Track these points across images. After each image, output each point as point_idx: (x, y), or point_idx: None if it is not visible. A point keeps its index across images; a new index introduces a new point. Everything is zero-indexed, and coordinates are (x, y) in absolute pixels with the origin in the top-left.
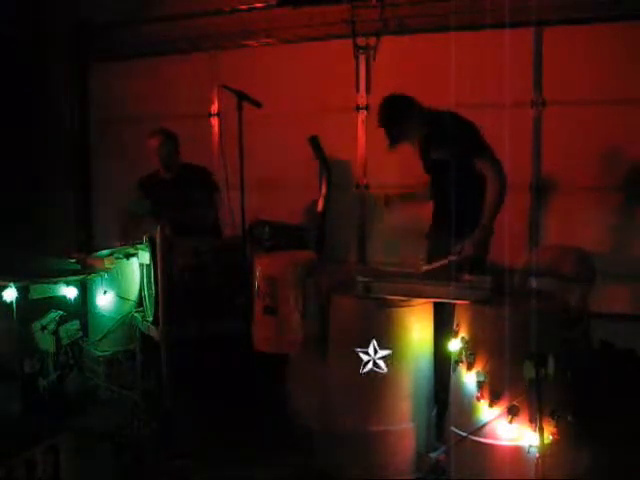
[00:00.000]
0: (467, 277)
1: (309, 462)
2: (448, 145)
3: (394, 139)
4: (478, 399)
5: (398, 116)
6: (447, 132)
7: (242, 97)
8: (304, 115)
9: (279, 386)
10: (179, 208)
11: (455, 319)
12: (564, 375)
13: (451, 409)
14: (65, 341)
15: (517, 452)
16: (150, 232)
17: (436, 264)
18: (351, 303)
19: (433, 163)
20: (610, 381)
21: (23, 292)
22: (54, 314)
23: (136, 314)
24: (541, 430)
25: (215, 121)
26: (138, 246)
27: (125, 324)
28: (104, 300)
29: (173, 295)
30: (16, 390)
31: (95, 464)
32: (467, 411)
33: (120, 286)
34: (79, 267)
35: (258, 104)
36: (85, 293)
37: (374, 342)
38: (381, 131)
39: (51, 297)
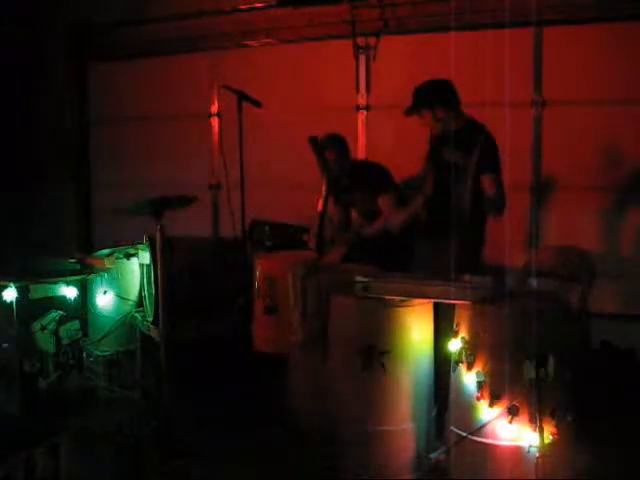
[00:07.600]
0: (467, 277)
1: (309, 462)
2: (466, 151)
3: (416, 107)
4: (478, 399)
5: (438, 90)
6: (471, 139)
7: (242, 97)
8: (304, 115)
9: (279, 386)
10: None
11: (455, 319)
12: (564, 375)
13: (451, 409)
14: (65, 341)
15: (517, 452)
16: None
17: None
18: (351, 303)
19: (440, 165)
20: (610, 381)
21: (23, 292)
22: (54, 314)
23: (136, 314)
24: (541, 430)
25: (215, 121)
26: (138, 246)
27: (125, 324)
28: (104, 300)
29: (173, 295)
30: (16, 390)
31: (95, 464)
32: (467, 411)
33: (120, 286)
34: (79, 267)
35: (258, 104)
36: (85, 293)
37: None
38: (381, 131)
39: (51, 297)
